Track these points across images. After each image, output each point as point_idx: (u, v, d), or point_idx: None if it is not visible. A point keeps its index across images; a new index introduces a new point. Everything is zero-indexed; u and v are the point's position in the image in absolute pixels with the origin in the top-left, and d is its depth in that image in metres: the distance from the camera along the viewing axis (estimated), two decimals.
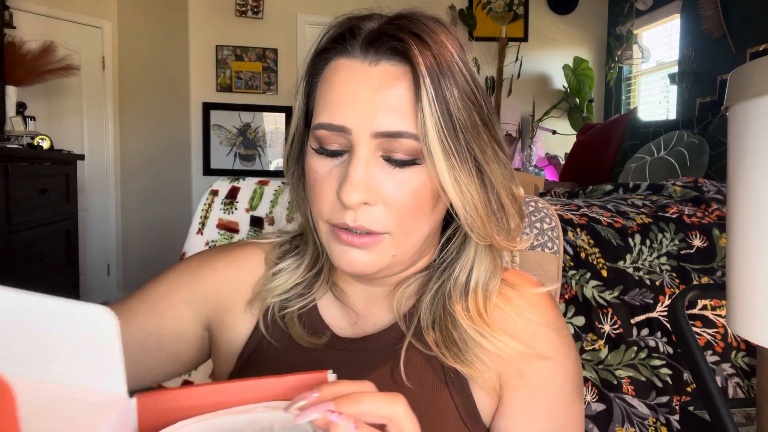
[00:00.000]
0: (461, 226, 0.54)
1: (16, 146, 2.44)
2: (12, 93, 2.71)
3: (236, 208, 1.01)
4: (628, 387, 1.14)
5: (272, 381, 0.35)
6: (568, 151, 3.77)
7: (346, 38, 0.50)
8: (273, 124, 3.94)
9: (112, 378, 0.30)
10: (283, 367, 0.57)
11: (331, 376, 0.36)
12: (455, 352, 0.53)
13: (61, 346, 0.30)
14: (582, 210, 1.37)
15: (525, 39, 4.31)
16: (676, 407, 1.13)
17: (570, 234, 1.23)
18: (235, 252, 0.64)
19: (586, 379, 1.14)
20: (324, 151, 0.51)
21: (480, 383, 0.53)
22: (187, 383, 0.94)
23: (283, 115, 3.93)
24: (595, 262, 1.20)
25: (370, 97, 0.48)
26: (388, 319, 0.58)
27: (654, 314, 1.18)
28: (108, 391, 0.30)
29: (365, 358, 0.56)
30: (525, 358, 0.53)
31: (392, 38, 0.48)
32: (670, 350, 1.16)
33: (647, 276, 1.20)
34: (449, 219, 0.57)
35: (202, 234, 1.01)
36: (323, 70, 0.52)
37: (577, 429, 0.55)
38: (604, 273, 1.20)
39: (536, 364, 0.54)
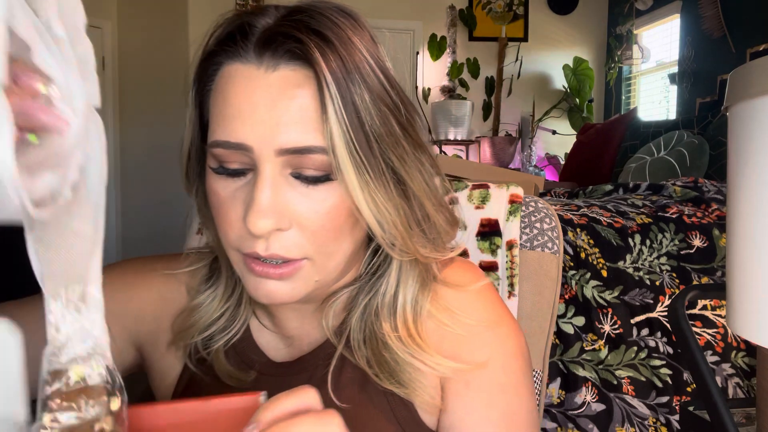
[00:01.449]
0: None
1: None
2: None
3: None
4: (628, 387, 1.14)
5: (197, 404, 0.33)
6: (568, 151, 3.78)
7: (236, 39, 0.44)
8: None
9: (12, 401, 0.27)
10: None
11: (262, 397, 0.34)
12: (389, 373, 0.49)
13: None
14: (582, 210, 1.37)
15: (525, 39, 4.32)
16: (676, 407, 1.13)
17: (570, 234, 1.23)
18: (155, 279, 0.58)
19: (586, 379, 1.14)
20: (224, 171, 0.44)
21: (418, 403, 0.50)
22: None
23: None
24: (595, 262, 1.20)
25: (270, 109, 0.42)
26: (320, 336, 0.54)
27: (654, 314, 1.18)
28: (7, 418, 0.27)
29: (301, 380, 0.51)
30: (463, 370, 0.50)
31: (290, 38, 0.42)
32: (670, 350, 1.16)
33: (647, 276, 1.20)
34: None
35: (202, 234, 1.01)
36: (214, 76, 0.45)
37: (527, 408, 0.51)
38: (604, 273, 1.20)
39: (476, 370, 0.50)
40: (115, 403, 0.28)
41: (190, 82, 0.49)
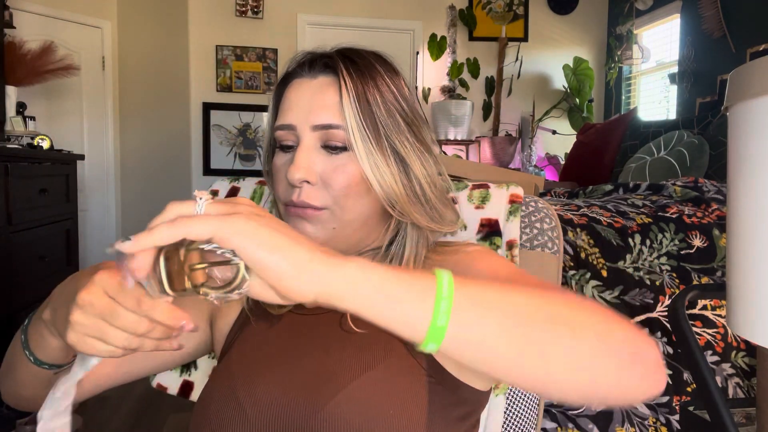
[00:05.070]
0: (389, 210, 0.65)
1: (16, 146, 2.44)
2: (12, 93, 2.71)
3: None
4: None
5: None
6: (568, 151, 3.77)
7: (301, 65, 0.66)
8: None
9: None
10: (256, 335, 0.66)
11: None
12: None
13: None
14: (582, 210, 1.37)
15: (525, 39, 4.32)
16: (676, 407, 1.13)
17: (570, 234, 1.23)
18: None
19: None
20: (281, 147, 0.65)
21: None
22: (187, 383, 0.94)
23: None
24: (595, 262, 1.20)
25: (309, 101, 0.62)
26: None
27: (654, 314, 1.18)
28: None
29: (323, 318, 0.65)
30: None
31: (325, 58, 0.64)
32: (670, 350, 1.16)
33: (647, 276, 1.20)
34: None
35: None
36: (284, 89, 0.66)
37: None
38: (604, 273, 1.20)
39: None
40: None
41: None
